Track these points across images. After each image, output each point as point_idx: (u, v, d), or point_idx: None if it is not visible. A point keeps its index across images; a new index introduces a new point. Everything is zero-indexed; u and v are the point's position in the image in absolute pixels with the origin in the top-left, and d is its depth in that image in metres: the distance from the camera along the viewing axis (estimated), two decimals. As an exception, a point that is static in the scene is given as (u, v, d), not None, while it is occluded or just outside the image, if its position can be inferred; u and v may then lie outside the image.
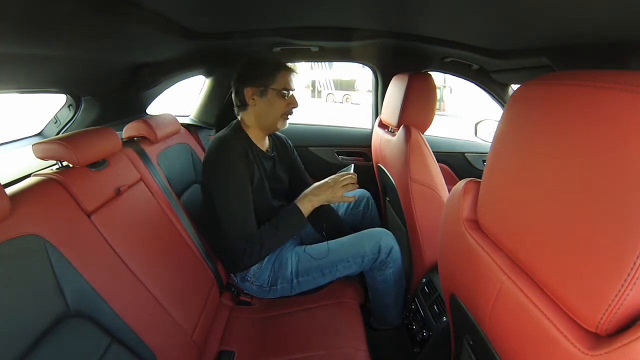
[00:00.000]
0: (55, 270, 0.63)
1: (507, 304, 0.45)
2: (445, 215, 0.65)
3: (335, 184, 1.09)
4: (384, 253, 1.10)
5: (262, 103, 1.07)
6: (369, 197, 1.44)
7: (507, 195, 0.46)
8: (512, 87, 1.64)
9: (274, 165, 1.21)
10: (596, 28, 0.69)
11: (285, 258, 1.14)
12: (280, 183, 1.23)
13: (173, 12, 0.97)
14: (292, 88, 1.09)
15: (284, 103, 1.08)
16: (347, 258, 1.10)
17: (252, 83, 1.06)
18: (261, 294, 1.17)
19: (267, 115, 1.09)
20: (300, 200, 1.09)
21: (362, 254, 1.10)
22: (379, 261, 1.10)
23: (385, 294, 1.17)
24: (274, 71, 1.05)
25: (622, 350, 0.29)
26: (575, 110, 0.36)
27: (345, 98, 13.63)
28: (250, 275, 1.15)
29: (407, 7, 0.93)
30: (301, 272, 1.11)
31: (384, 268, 1.11)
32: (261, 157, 1.14)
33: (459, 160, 1.80)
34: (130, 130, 1.16)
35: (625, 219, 0.29)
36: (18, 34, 0.73)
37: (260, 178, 1.10)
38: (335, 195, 1.08)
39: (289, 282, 1.12)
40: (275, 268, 1.14)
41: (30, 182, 0.71)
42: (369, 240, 1.12)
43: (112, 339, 0.68)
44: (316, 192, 1.09)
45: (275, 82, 1.06)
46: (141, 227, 0.92)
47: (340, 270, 1.11)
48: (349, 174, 1.12)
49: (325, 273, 1.11)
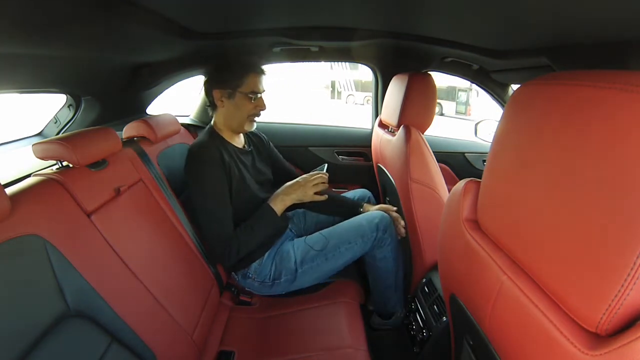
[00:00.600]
0: (55, 270, 0.63)
1: (507, 304, 0.45)
2: (445, 215, 0.65)
3: (306, 183, 1.12)
4: (381, 230, 1.13)
5: (229, 105, 1.10)
6: (370, 197, 1.45)
7: (507, 195, 0.46)
8: (512, 87, 1.64)
9: (254, 159, 1.24)
10: (596, 28, 0.69)
11: (287, 250, 1.16)
12: (264, 175, 1.27)
13: (173, 11, 0.97)
14: (260, 90, 1.11)
15: (251, 106, 1.10)
16: (349, 239, 1.13)
17: (221, 85, 1.08)
18: (263, 290, 1.18)
19: (234, 117, 1.12)
20: (273, 200, 1.11)
21: (362, 233, 1.13)
22: (378, 239, 1.13)
23: (386, 274, 1.19)
24: (242, 74, 1.07)
25: (622, 350, 0.29)
26: (575, 110, 0.36)
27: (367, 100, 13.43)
28: (252, 272, 1.15)
29: (407, 7, 0.93)
30: (306, 260, 1.13)
31: (382, 245, 1.14)
32: (239, 154, 1.17)
33: (459, 160, 1.80)
34: (130, 130, 1.16)
35: (625, 218, 0.29)
36: (18, 34, 0.73)
37: (241, 175, 1.12)
38: (306, 194, 1.11)
39: (292, 273, 1.13)
40: (277, 262, 1.15)
41: (30, 182, 0.71)
42: (367, 220, 1.15)
43: (112, 339, 0.68)
44: (287, 191, 1.12)
45: (242, 85, 1.08)
46: (141, 227, 0.92)
47: (344, 252, 1.12)
48: (320, 173, 1.15)
49: (328, 257, 1.12)
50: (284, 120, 1.97)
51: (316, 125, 1.94)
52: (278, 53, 1.54)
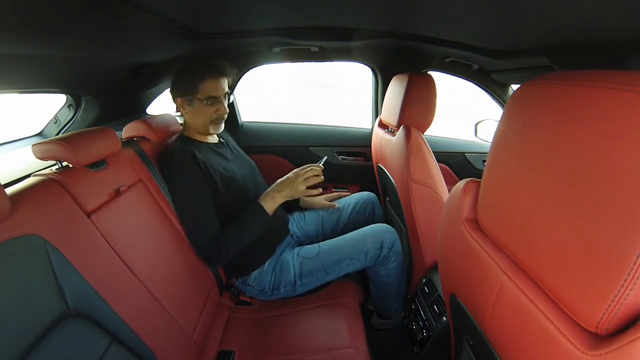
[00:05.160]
0: (55, 270, 0.63)
1: (507, 304, 0.45)
2: (445, 215, 0.65)
3: (296, 178, 1.06)
4: (386, 248, 1.11)
5: (191, 111, 1.08)
6: (375, 202, 1.42)
7: (507, 195, 0.46)
8: (512, 87, 1.64)
9: (231, 149, 1.23)
10: (596, 28, 0.69)
11: (287, 262, 1.14)
12: (248, 162, 1.25)
13: (173, 12, 0.97)
14: (218, 94, 1.06)
15: (211, 110, 1.07)
16: (351, 256, 1.11)
17: (180, 93, 1.07)
18: (263, 297, 1.17)
19: (196, 122, 1.10)
20: (263, 198, 1.08)
21: (365, 250, 1.10)
22: (382, 257, 1.11)
23: (389, 285, 1.18)
24: (198, 81, 1.03)
25: (622, 350, 0.29)
26: (575, 110, 0.36)
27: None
28: (252, 280, 1.14)
29: (407, 7, 0.93)
30: (305, 274, 1.11)
31: (387, 263, 1.13)
32: (215, 148, 1.15)
33: (459, 160, 1.79)
34: (130, 131, 1.16)
35: (625, 218, 0.29)
36: (18, 34, 0.73)
37: (224, 169, 1.09)
38: (296, 190, 1.05)
39: (292, 285, 1.12)
40: (277, 272, 1.13)
41: (30, 182, 0.71)
42: (371, 236, 1.12)
43: (112, 339, 0.68)
44: (277, 189, 1.08)
45: (199, 92, 1.04)
46: (141, 227, 0.92)
47: (344, 267, 1.11)
48: (312, 166, 1.08)
49: (329, 272, 1.11)
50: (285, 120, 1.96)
51: (316, 125, 1.94)
52: (278, 53, 1.54)
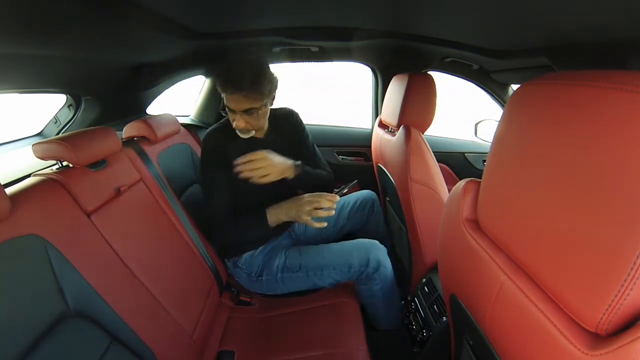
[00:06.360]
0: (55, 270, 0.63)
1: (507, 304, 0.45)
2: (445, 215, 0.65)
3: (302, 205, 1.01)
4: (371, 267, 1.08)
5: None
6: (375, 200, 1.41)
7: (507, 195, 0.46)
8: (512, 87, 1.64)
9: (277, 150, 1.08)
10: (596, 28, 0.69)
11: (276, 252, 1.16)
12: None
13: (173, 11, 0.97)
14: (233, 109, 0.99)
15: (231, 118, 1.02)
16: (333, 265, 1.09)
17: None
18: (249, 284, 1.18)
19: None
20: (272, 209, 1.05)
21: (350, 263, 1.08)
22: (365, 274, 1.09)
23: (374, 306, 1.17)
24: (221, 88, 0.97)
25: (622, 350, 0.29)
26: (575, 110, 0.36)
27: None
28: (242, 262, 1.16)
29: (407, 7, 0.93)
30: (287, 269, 1.12)
31: (369, 283, 1.10)
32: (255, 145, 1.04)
33: (459, 160, 1.79)
34: (130, 130, 1.16)
35: (625, 218, 0.29)
36: (18, 34, 0.73)
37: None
38: (299, 216, 1.01)
39: (273, 276, 1.13)
40: (265, 259, 1.15)
41: (30, 182, 0.71)
42: (358, 251, 1.10)
43: (112, 339, 0.68)
44: (287, 207, 1.04)
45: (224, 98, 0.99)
46: (141, 227, 0.92)
47: (325, 275, 1.10)
48: (327, 196, 1.02)
49: (309, 275, 1.10)
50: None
51: (316, 125, 1.94)
52: (278, 53, 1.54)
